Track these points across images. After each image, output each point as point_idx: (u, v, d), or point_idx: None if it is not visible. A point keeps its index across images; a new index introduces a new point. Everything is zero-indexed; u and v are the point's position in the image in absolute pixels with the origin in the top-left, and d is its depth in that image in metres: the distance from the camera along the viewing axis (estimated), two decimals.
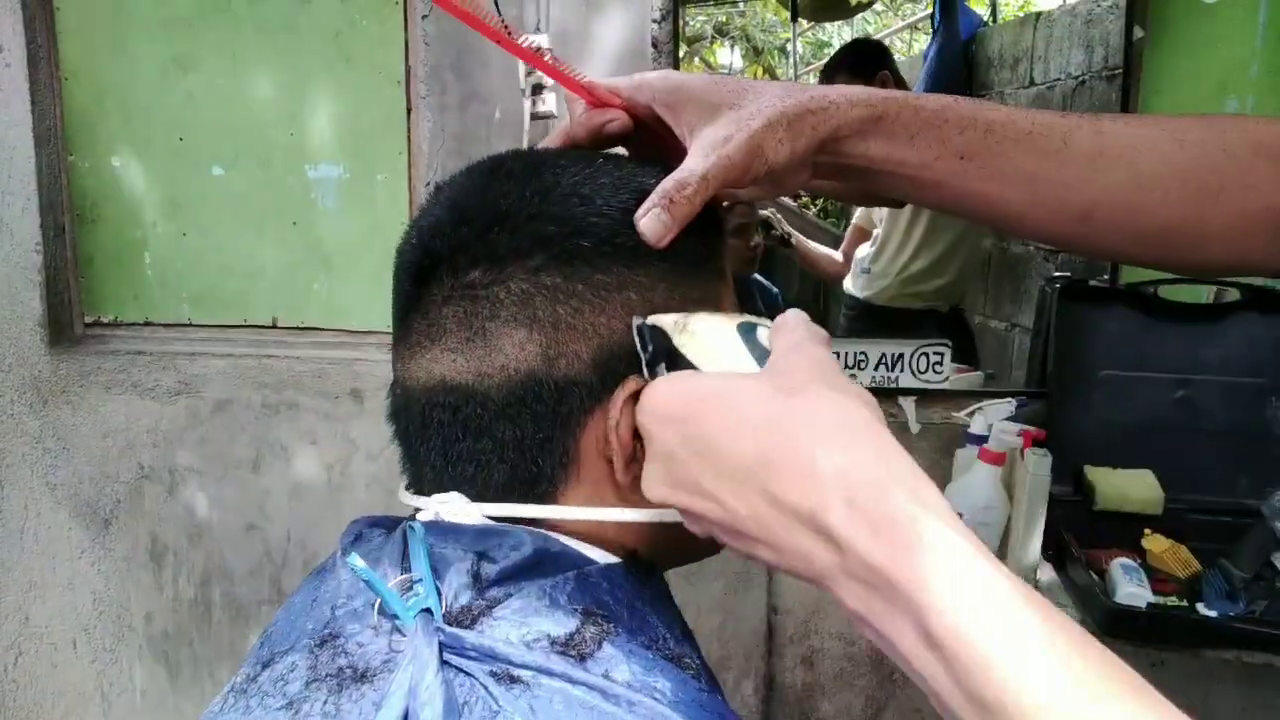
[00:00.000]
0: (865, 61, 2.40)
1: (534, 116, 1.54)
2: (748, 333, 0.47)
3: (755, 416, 0.40)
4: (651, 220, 0.49)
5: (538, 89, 1.56)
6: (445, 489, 0.52)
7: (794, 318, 0.46)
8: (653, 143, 0.58)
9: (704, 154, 0.51)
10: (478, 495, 0.51)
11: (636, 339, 0.49)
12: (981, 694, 0.33)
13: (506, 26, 0.57)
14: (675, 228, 0.49)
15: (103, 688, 1.95)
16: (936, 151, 0.55)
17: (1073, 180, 0.57)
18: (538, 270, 0.49)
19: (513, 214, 0.50)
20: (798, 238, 2.51)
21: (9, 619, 1.94)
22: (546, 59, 0.58)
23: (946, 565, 0.35)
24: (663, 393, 0.44)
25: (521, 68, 1.56)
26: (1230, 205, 0.57)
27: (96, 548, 1.90)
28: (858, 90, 0.54)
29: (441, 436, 0.51)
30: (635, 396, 0.48)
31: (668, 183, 0.50)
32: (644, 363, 0.49)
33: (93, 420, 1.86)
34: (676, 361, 0.47)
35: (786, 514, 0.38)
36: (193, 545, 1.88)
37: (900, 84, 2.40)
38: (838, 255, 2.52)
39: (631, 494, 0.50)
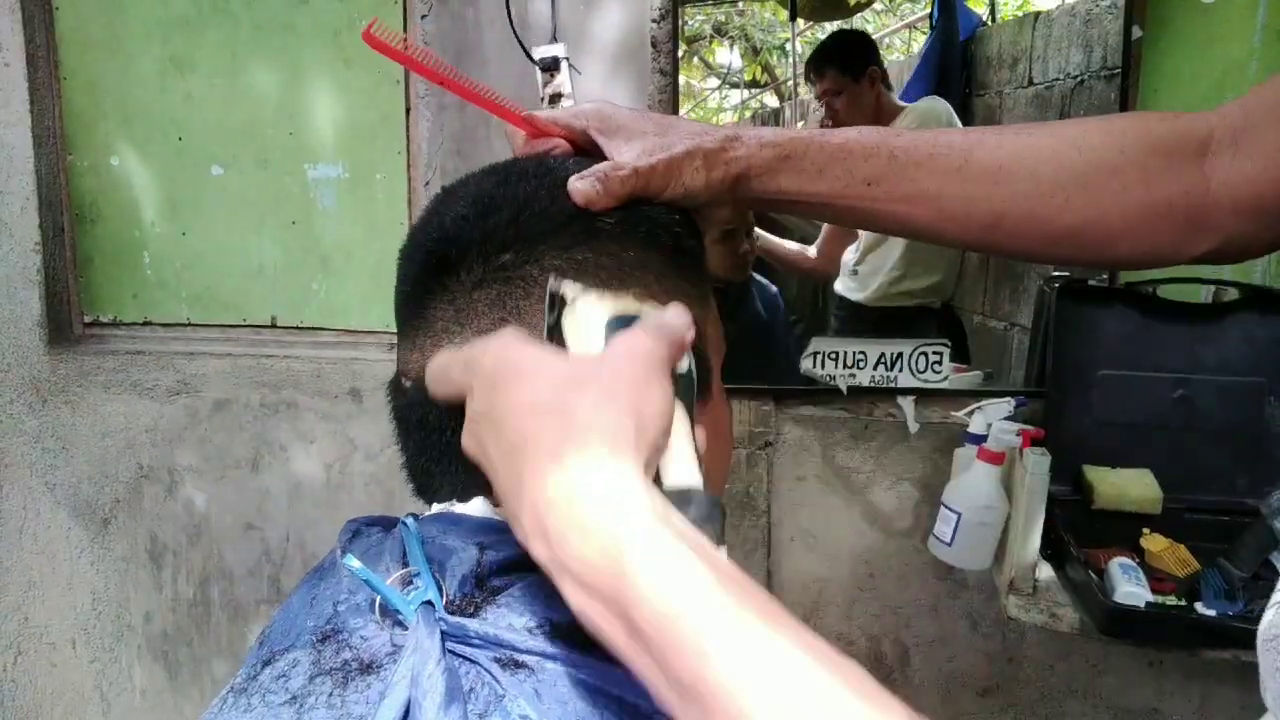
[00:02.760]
0: (856, 57, 2.38)
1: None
2: (616, 327, 0.46)
3: (534, 401, 0.40)
4: (586, 184, 0.53)
5: (555, 98, 1.57)
6: (467, 474, 0.52)
7: (655, 315, 0.45)
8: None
9: (634, 155, 0.57)
10: None
11: (546, 300, 0.48)
12: (680, 676, 0.34)
13: (448, 67, 0.62)
14: (604, 198, 0.53)
15: (102, 687, 1.95)
16: (845, 181, 0.61)
17: (975, 194, 0.61)
18: (569, 248, 0.52)
19: (539, 199, 0.53)
20: (763, 238, 2.38)
21: (8, 618, 1.94)
22: (487, 96, 0.63)
23: (645, 559, 0.35)
24: (484, 354, 0.44)
25: (540, 78, 1.57)
26: (1131, 202, 0.61)
27: (95, 547, 1.90)
28: (766, 132, 0.61)
29: None
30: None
31: (605, 164, 0.55)
32: (545, 326, 0.49)
33: (92, 420, 1.86)
34: (558, 334, 0.47)
35: (524, 501, 0.39)
36: (192, 545, 1.88)
37: (884, 77, 2.40)
38: (810, 250, 2.47)
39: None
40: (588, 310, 0.47)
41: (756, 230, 2.41)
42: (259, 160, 1.82)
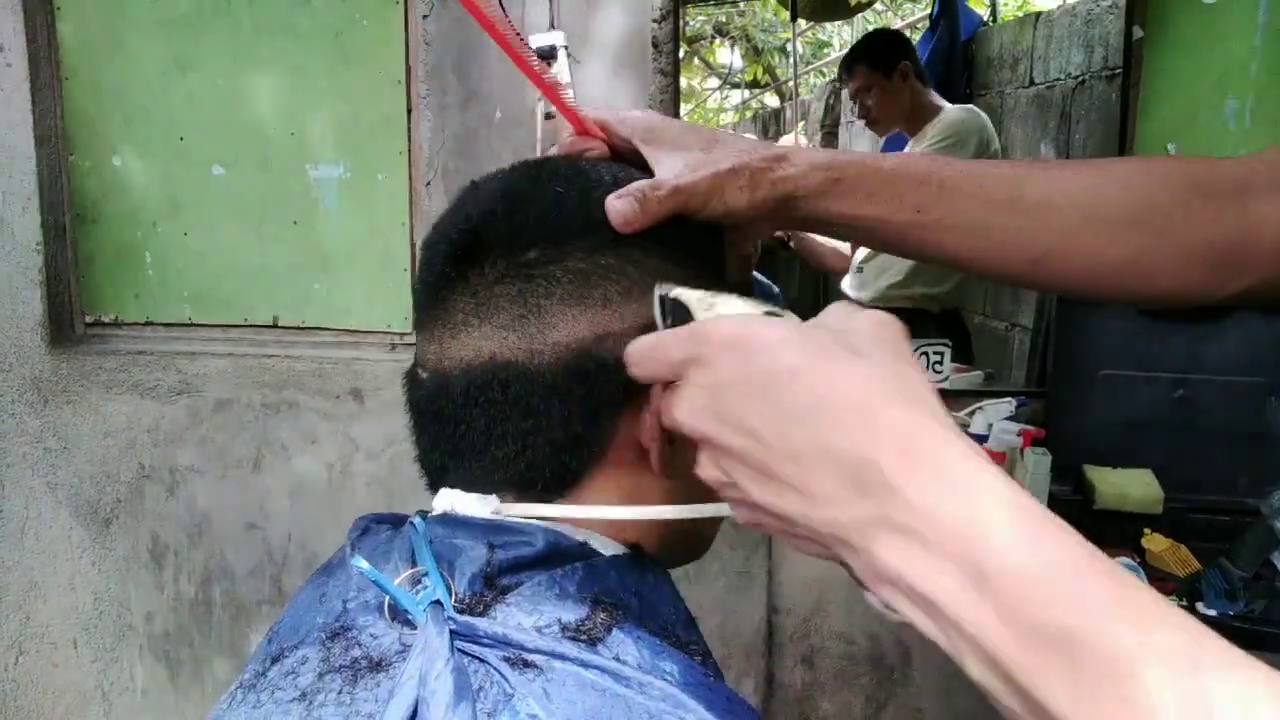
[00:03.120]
0: (886, 53, 2.41)
1: (548, 116, 1.54)
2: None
3: (822, 365, 0.40)
4: (624, 203, 0.52)
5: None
6: (480, 470, 0.52)
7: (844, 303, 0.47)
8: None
9: (675, 174, 0.55)
10: (513, 476, 0.52)
11: (657, 307, 0.49)
12: (1043, 623, 0.33)
13: (520, 35, 0.61)
14: (642, 218, 0.53)
15: (103, 687, 1.95)
16: (894, 207, 0.61)
17: (1026, 226, 0.62)
18: (594, 250, 0.52)
19: (569, 200, 0.53)
20: (805, 237, 2.47)
21: (10, 618, 1.94)
22: (548, 81, 0.62)
23: (1002, 504, 0.35)
24: (733, 323, 0.44)
25: (540, 70, 1.57)
26: (1173, 240, 0.62)
27: (97, 547, 1.90)
28: (819, 154, 0.60)
29: (487, 415, 0.51)
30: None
31: (644, 183, 0.54)
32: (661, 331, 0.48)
33: (93, 420, 1.86)
34: None
35: (833, 459, 0.38)
36: (193, 545, 1.88)
37: (920, 74, 2.41)
38: (845, 249, 2.51)
39: (662, 479, 0.52)
40: (736, 311, 0.46)
41: (796, 233, 2.44)
42: (260, 160, 1.83)
